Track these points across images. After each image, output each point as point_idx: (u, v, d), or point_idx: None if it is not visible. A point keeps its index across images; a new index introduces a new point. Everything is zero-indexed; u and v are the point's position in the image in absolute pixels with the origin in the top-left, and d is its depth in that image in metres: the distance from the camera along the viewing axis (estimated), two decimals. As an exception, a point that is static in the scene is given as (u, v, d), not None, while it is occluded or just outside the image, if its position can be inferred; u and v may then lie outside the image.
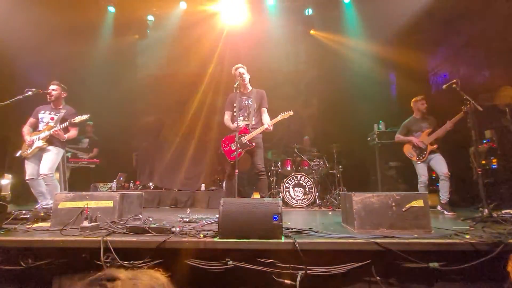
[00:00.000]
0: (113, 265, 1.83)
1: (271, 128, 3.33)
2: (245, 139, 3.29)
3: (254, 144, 3.33)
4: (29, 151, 3.28)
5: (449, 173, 3.63)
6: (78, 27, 6.38)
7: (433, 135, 3.80)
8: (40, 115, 3.48)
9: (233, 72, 3.53)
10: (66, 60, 6.20)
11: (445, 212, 3.56)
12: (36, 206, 3.28)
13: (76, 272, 1.97)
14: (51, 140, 3.37)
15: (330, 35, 7.06)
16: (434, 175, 4.33)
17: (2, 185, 5.03)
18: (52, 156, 3.34)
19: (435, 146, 3.78)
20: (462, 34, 5.31)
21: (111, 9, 6.80)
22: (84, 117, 3.45)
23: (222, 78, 7.51)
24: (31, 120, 3.52)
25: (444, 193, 3.63)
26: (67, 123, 3.40)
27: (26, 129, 3.47)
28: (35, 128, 3.50)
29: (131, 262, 1.85)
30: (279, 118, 3.37)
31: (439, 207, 3.74)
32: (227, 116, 3.57)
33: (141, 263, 1.85)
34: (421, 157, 3.83)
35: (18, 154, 3.39)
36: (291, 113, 3.41)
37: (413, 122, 4.05)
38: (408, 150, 4.00)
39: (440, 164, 3.72)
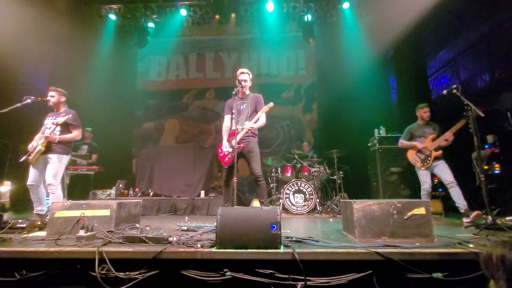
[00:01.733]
0: (108, 276, 1.79)
1: (254, 125, 3.27)
2: (234, 141, 3.26)
3: (243, 145, 3.26)
4: (31, 157, 3.29)
5: (454, 181, 3.46)
6: (79, 35, 6.45)
7: (436, 141, 3.69)
8: (45, 122, 3.51)
9: (237, 74, 3.48)
10: (67, 67, 6.25)
11: (465, 220, 3.25)
12: (34, 212, 3.29)
13: (71, 283, 1.93)
14: (51, 147, 3.33)
15: (330, 39, 7.11)
16: (436, 180, 4.27)
17: (1, 192, 5.02)
18: (55, 165, 3.31)
19: (439, 152, 3.64)
20: (462, 39, 5.32)
21: (112, 17, 6.87)
22: (67, 117, 3.37)
23: (222, 84, 7.56)
24: (43, 128, 3.53)
25: (459, 199, 3.39)
26: (55, 126, 3.37)
27: (37, 136, 3.47)
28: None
29: (127, 273, 1.81)
30: (259, 114, 3.33)
31: (465, 218, 3.29)
32: (225, 120, 3.55)
33: (137, 274, 1.81)
34: (425, 163, 3.69)
35: (22, 160, 3.37)
36: (271, 104, 3.33)
37: (416, 127, 3.94)
38: (411, 155, 3.86)
39: (444, 172, 3.56)
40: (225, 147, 3.39)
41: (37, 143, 3.32)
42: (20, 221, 2.71)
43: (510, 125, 3.92)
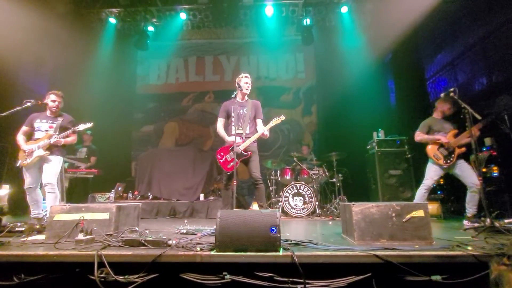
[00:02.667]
0: (107, 280, 1.79)
1: (267, 134, 3.30)
2: (239, 148, 3.27)
3: (250, 152, 3.31)
4: (28, 161, 3.26)
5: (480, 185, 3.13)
6: (79, 38, 6.48)
7: (459, 137, 3.36)
8: (36, 124, 3.42)
9: (238, 78, 3.46)
10: (67, 70, 6.27)
11: (465, 223, 3.19)
12: (30, 216, 3.28)
13: (70, 287, 1.92)
14: (51, 149, 3.35)
15: (328, 43, 7.17)
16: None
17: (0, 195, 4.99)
18: (55, 165, 3.34)
19: (463, 149, 3.33)
20: (459, 42, 5.37)
21: (112, 20, 6.90)
22: (89, 125, 3.43)
23: (221, 88, 7.59)
24: (25, 128, 3.45)
25: (473, 206, 3.20)
26: (70, 130, 3.38)
27: (20, 137, 3.41)
28: (29, 136, 3.44)
29: (126, 276, 1.80)
30: (271, 124, 3.36)
31: (466, 222, 3.20)
32: (219, 123, 3.54)
33: (136, 278, 1.81)
34: (448, 160, 3.33)
35: (18, 164, 3.36)
36: (283, 117, 3.39)
37: (434, 121, 3.61)
38: (433, 151, 3.44)
39: (469, 173, 3.24)
40: (230, 154, 3.30)
41: (32, 146, 3.30)
42: (19, 224, 2.70)
43: (508, 127, 3.94)
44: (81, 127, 3.41)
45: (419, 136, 3.59)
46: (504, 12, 4.29)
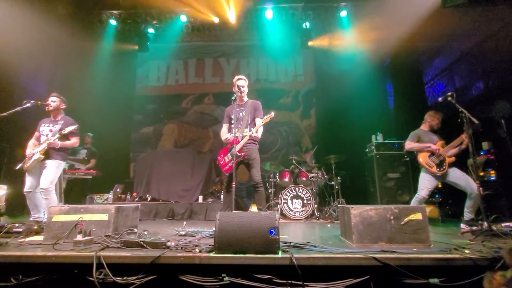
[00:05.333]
0: (105, 281, 1.78)
1: (256, 134, 3.31)
2: (235, 150, 3.29)
3: (244, 153, 3.30)
4: (28, 164, 3.26)
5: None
6: (79, 40, 6.49)
7: (447, 147, 3.47)
8: (41, 128, 3.48)
9: (234, 81, 3.55)
10: (67, 71, 6.28)
11: (462, 226, 3.21)
12: (30, 219, 3.25)
13: (67, 288, 1.92)
14: (49, 153, 3.33)
15: (327, 47, 7.23)
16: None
17: (-3, 196, 4.96)
18: (52, 170, 3.30)
19: (453, 158, 3.42)
20: (457, 47, 5.42)
21: (113, 22, 6.92)
22: (73, 127, 3.41)
23: (220, 89, 7.62)
24: (36, 133, 3.52)
25: (472, 210, 3.24)
26: (58, 134, 3.38)
27: (30, 142, 3.47)
28: (40, 141, 3.49)
29: (125, 278, 1.80)
30: (261, 123, 3.37)
31: (463, 225, 3.22)
32: (223, 129, 3.59)
33: (135, 279, 1.80)
34: (441, 168, 3.40)
35: (18, 168, 3.35)
36: (272, 115, 3.36)
37: (423, 133, 3.71)
38: (425, 159, 3.51)
39: (465, 180, 3.27)
40: (228, 155, 3.41)
41: (34, 151, 3.30)
42: (17, 225, 2.69)
43: (505, 132, 3.97)
44: (66, 130, 3.39)
45: (409, 145, 3.68)
46: (501, 17, 4.35)
